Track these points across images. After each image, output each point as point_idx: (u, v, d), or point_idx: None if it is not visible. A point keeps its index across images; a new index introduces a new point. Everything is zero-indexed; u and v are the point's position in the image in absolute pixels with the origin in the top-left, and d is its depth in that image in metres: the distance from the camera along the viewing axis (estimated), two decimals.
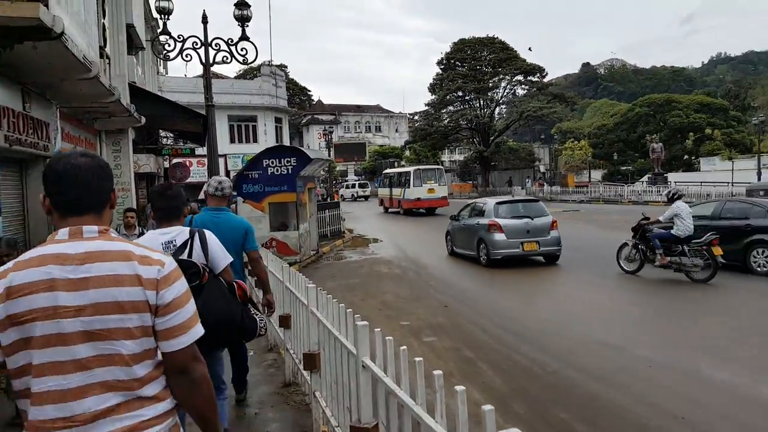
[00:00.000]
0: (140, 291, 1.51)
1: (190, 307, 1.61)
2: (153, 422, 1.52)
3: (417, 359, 2.17)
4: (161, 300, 1.54)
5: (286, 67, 62.03)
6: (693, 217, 10.19)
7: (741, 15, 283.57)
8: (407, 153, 63.16)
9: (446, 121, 52.59)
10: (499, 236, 11.76)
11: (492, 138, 52.65)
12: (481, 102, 51.45)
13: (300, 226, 13.78)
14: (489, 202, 12.96)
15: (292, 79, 68.35)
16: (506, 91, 52.24)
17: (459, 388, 1.85)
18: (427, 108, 53.76)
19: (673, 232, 9.80)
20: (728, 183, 36.81)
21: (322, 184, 42.01)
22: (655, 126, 59.33)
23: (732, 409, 4.57)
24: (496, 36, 51.13)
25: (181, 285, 1.61)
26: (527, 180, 51.40)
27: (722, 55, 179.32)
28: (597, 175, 59.64)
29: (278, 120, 35.72)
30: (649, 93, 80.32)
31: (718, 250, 9.28)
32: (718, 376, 5.30)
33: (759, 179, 33.03)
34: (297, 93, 70.72)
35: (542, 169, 61.77)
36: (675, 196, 10.20)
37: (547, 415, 4.60)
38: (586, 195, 40.06)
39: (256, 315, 3.28)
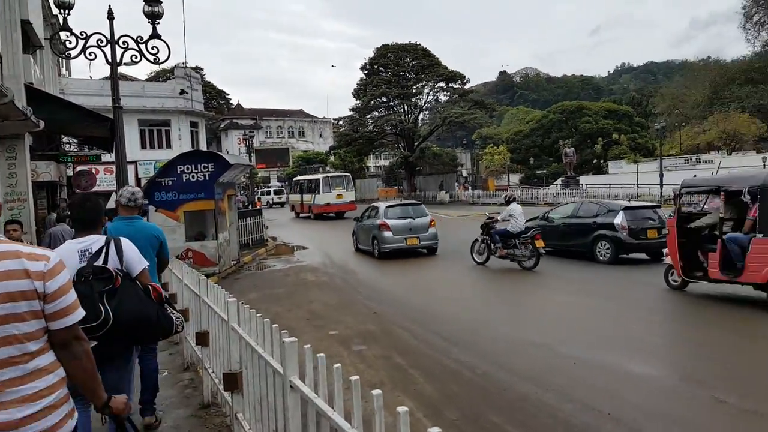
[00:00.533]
0: (29, 282, 1.82)
1: (72, 295, 1.94)
2: (44, 392, 1.84)
3: (353, 378, 2.01)
4: (48, 289, 1.85)
5: (201, 69, 59.83)
6: (558, 215, 13.56)
7: (642, 28, 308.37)
8: (332, 158, 62.86)
9: (371, 127, 52.84)
10: (387, 233, 14.21)
11: (416, 143, 53.54)
12: (406, 107, 52.19)
13: (219, 235, 13.19)
14: (381, 206, 15.37)
15: (209, 82, 66.02)
16: (429, 97, 53.33)
17: (401, 409, 1.72)
18: (351, 113, 53.76)
19: (508, 228, 11.88)
20: (633, 184, 39.62)
21: (242, 191, 40.85)
22: (568, 131, 62.98)
23: (650, 401, 4.78)
24: (418, 43, 52.10)
25: (64, 276, 1.92)
26: (456, 184, 52.77)
27: (626, 65, 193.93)
28: (515, 178, 62.36)
29: (194, 124, 34.30)
30: (561, 100, 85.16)
31: (540, 243, 11.47)
32: (637, 370, 5.55)
33: (661, 181, 35.80)
34: (214, 97, 68.34)
35: (465, 173, 63.65)
36: (510, 200, 12.60)
37: (481, 420, 4.59)
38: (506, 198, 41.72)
39: (173, 314, 3.39)
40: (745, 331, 6.99)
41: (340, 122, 58.76)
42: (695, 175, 19.18)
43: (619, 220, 12.13)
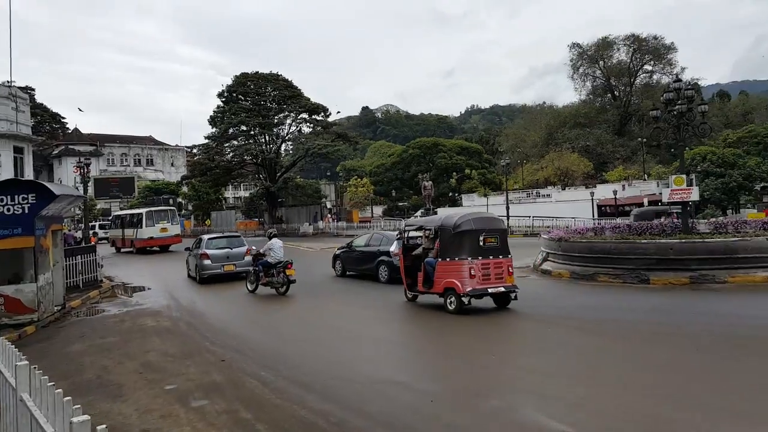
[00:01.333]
0: None
1: None
2: None
3: None
4: None
5: (32, 89, 53.55)
6: (358, 243, 16.92)
7: (489, 74, 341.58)
8: (185, 189, 59.30)
9: (230, 156, 50.95)
10: (207, 261, 16.56)
11: (279, 174, 52.66)
12: (267, 137, 51.23)
13: (39, 276, 11.41)
14: (204, 238, 17.93)
15: (41, 104, 59.21)
16: (292, 128, 53.01)
17: None
18: (207, 141, 51.37)
19: (268, 260, 13.87)
20: None
21: (74, 227, 36.67)
22: (426, 166, 66.62)
23: None
24: (280, 73, 51.79)
25: None
26: (326, 216, 52.54)
27: (475, 106, 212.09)
28: (378, 210, 64.07)
29: (18, 150, 30.15)
30: (420, 136, 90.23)
31: (290, 272, 13.51)
32: (495, 404, 5.60)
33: (507, 213, 38.96)
34: (47, 120, 61.33)
35: (329, 205, 63.91)
36: (272, 236, 14.89)
37: None
38: (369, 230, 42.43)
39: None
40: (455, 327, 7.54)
41: (195, 150, 55.75)
42: (476, 210, 21.07)
43: (393, 248, 14.46)
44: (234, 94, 50.82)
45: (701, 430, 4.54)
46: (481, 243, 10.29)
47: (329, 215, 54.34)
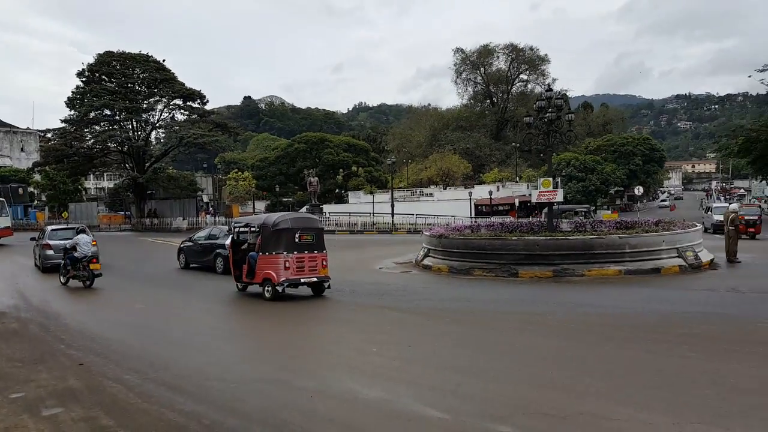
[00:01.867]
0: None
1: None
2: None
3: None
4: None
5: None
6: (199, 237, 18.23)
7: (377, 72, 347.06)
8: (37, 177, 53.51)
9: (91, 142, 46.64)
10: (49, 251, 17.44)
11: (148, 164, 49.29)
12: (135, 123, 47.64)
13: None
14: (48, 229, 19.27)
15: None
16: (164, 114, 49.76)
17: None
18: (64, 125, 46.55)
19: (75, 254, 14.27)
20: (370, 213, 43.45)
21: None
22: (312, 161, 66.27)
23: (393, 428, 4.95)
24: (150, 54, 48.32)
25: None
26: (202, 210, 50.03)
27: (363, 104, 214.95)
28: (261, 205, 62.55)
29: None
30: (306, 131, 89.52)
31: (95, 266, 14.07)
32: (371, 394, 5.75)
33: (392, 210, 40.02)
34: None
35: (206, 198, 61.12)
36: (78, 231, 16.57)
37: None
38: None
39: None
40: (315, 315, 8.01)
41: (49, 135, 50.35)
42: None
43: (227, 242, 15.05)
44: (97, 75, 46.59)
45: (566, 407, 5.03)
46: (297, 239, 11.70)
47: (206, 210, 52.00)
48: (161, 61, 48.39)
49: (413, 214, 40.54)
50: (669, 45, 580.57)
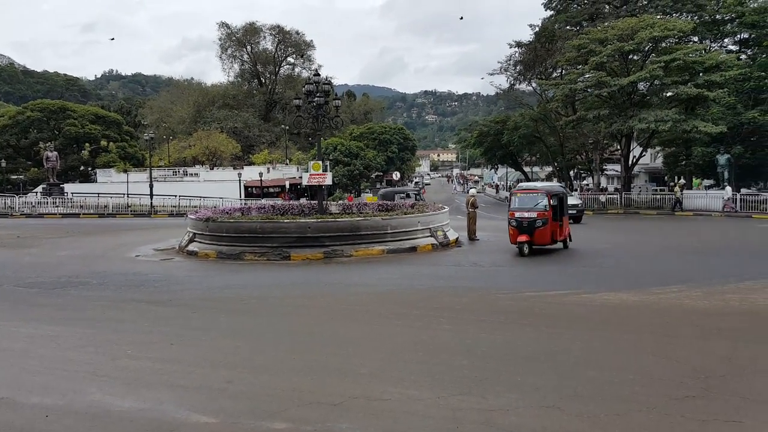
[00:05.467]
0: None
1: None
2: None
3: None
4: None
5: None
6: None
7: (134, 37, 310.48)
8: None
9: None
10: None
11: None
12: None
13: None
14: None
15: None
16: None
17: None
18: None
19: None
20: (124, 194, 38.95)
21: None
22: (50, 133, 56.44)
23: None
24: None
25: None
26: None
27: (114, 72, 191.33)
28: None
29: None
30: (42, 98, 76.00)
31: None
32: (125, 404, 4.91)
33: (151, 191, 36.47)
34: None
35: None
36: None
37: None
38: None
39: None
40: None
41: None
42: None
43: None
44: None
45: (339, 393, 4.95)
46: None
47: None
48: None
49: (176, 196, 37.59)
50: (424, 44, 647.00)
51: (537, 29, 45.60)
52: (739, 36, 40.35)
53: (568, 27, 44.12)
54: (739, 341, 6.47)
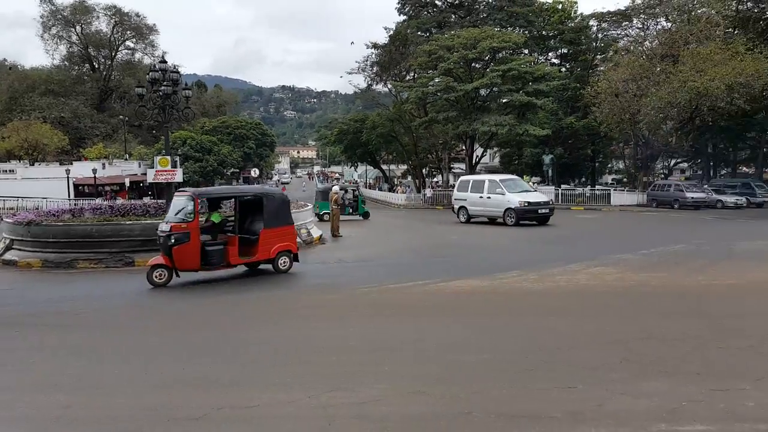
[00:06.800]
0: None
1: None
2: None
3: None
4: None
5: None
6: None
7: None
8: None
9: None
10: None
11: None
12: None
13: None
14: None
15: None
16: None
17: None
18: None
19: None
20: None
21: None
22: None
23: None
24: None
25: None
26: None
27: None
28: None
29: None
30: None
31: None
32: None
33: None
34: None
35: None
36: None
37: None
38: None
39: None
40: None
41: None
42: None
43: None
44: None
45: (202, 405, 4.67)
46: None
47: None
48: None
49: None
50: (282, 37, 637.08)
51: (391, 32, 47.49)
52: (560, 50, 47.34)
53: (419, 32, 46.85)
54: (569, 317, 7.43)
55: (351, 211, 25.95)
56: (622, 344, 6.02)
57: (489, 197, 22.29)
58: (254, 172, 48.85)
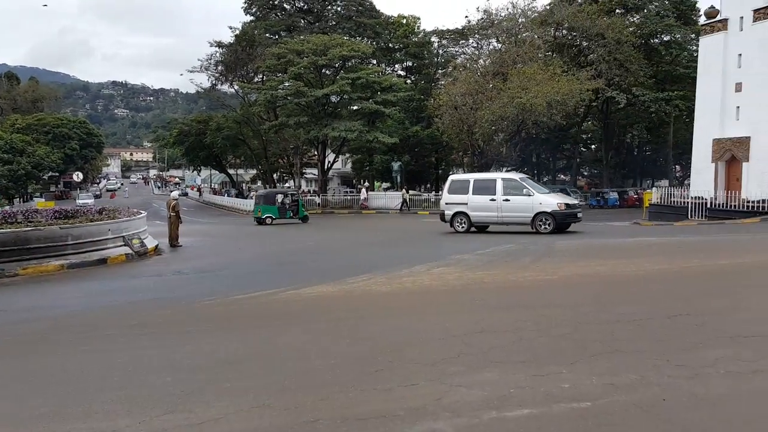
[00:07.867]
0: None
1: None
2: None
3: None
4: None
5: None
6: None
7: None
8: None
9: None
10: None
11: None
12: None
13: None
14: None
15: None
16: None
17: None
18: None
19: None
20: None
21: None
22: None
23: None
24: None
25: None
26: None
27: None
28: None
29: None
30: None
31: None
32: None
33: None
34: None
35: None
36: None
37: None
38: None
39: None
40: None
41: None
42: None
43: None
44: None
45: None
46: None
47: None
48: None
49: None
50: (114, 29, 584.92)
51: (237, 32, 46.33)
52: (405, 63, 50.78)
53: (267, 35, 46.38)
54: (411, 317, 7.81)
55: (291, 215, 27.36)
56: (459, 338, 6.42)
57: (507, 200, 18.33)
58: (77, 176, 44.21)
